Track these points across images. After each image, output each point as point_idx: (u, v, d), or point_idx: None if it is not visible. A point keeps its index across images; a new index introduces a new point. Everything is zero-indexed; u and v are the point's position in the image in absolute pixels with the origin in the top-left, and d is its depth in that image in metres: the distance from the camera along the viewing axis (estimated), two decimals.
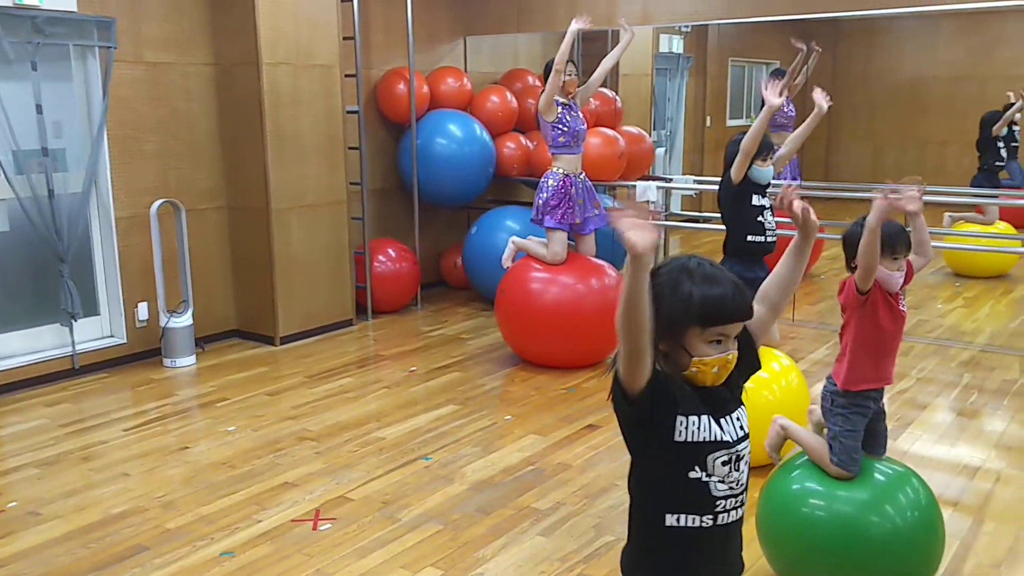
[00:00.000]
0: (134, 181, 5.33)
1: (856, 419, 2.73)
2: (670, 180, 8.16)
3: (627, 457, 1.75)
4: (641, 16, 6.34)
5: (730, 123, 11.95)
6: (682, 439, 1.61)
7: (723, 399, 1.66)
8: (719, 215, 4.56)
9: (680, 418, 1.61)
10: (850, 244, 2.70)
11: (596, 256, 5.43)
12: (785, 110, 7.63)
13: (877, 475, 2.74)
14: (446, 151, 6.59)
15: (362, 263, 6.35)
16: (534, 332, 5.24)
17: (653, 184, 6.80)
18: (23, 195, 4.83)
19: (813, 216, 1.85)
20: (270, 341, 5.81)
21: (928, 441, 4.17)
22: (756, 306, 1.77)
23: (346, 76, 6.01)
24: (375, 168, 6.66)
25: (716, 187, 4.56)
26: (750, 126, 4.27)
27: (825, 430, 2.81)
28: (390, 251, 6.54)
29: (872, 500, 2.69)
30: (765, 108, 4.15)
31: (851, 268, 2.71)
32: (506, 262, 5.40)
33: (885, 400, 2.88)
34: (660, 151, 10.27)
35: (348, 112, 6.09)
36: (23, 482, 3.80)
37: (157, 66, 5.37)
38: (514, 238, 5.46)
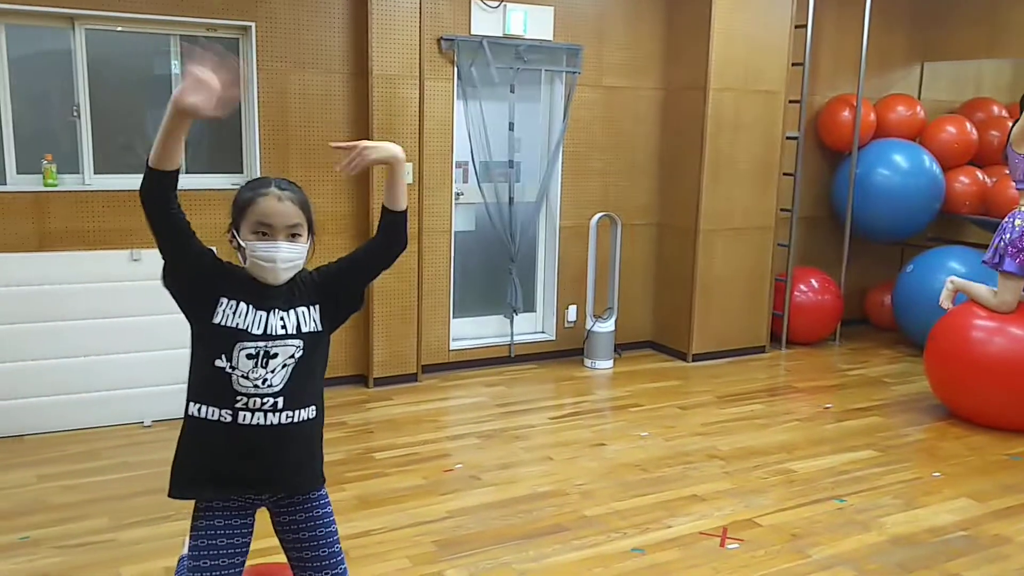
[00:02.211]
0: (579, 194, 5.82)
1: None
2: None
3: None
4: None
5: None
6: None
7: None
8: None
9: None
10: None
11: None
12: None
13: None
14: (888, 182, 6.20)
15: (782, 290, 6.24)
16: (971, 386, 4.72)
17: None
18: (489, 200, 5.53)
19: None
20: (682, 356, 5.95)
21: None
22: None
23: (789, 102, 5.95)
24: (807, 195, 6.49)
25: None
26: None
27: None
28: (813, 281, 6.33)
29: None
30: None
31: None
32: (944, 303, 4.95)
33: None
34: None
35: (787, 138, 6.02)
36: (467, 449, 4.35)
37: (612, 90, 5.80)
38: (952, 277, 4.99)
